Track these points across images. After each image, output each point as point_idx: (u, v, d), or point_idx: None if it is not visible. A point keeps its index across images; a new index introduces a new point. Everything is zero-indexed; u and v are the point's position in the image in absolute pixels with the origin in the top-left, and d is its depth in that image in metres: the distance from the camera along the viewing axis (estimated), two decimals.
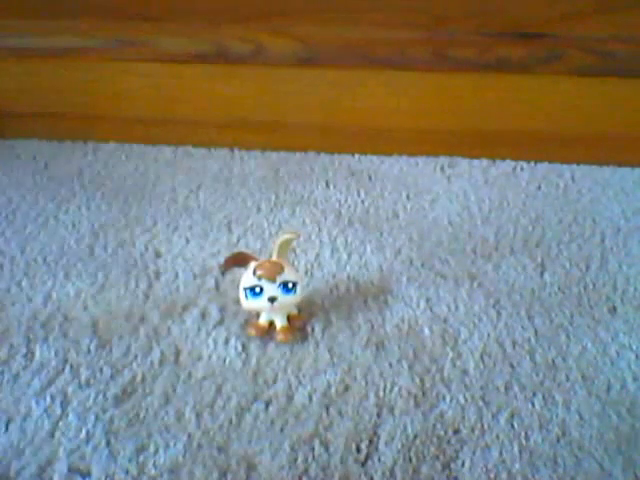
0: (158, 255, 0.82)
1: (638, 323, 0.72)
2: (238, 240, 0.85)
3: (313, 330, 0.71)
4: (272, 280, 0.67)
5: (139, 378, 0.66)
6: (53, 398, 0.64)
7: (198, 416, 0.62)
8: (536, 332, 0.71)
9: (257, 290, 0.67)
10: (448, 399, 0.64)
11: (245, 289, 0.67)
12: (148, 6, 0.97)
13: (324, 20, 0.96)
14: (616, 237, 0.85)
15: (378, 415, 0.62)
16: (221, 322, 0.72)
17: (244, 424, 0.61)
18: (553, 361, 0.68)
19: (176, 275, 0.79)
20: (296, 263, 0.80)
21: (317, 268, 0.80)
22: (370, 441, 0.60)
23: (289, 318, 0.70)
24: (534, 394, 0.64)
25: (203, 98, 1.03)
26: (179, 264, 0.81)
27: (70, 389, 0.64)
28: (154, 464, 0.58)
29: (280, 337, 0.69)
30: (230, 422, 0.62)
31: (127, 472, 0.57)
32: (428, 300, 0.75)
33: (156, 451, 0.59)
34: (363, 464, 0.58)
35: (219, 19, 0.98)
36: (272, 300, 0.67)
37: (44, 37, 1.01)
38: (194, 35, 0.99)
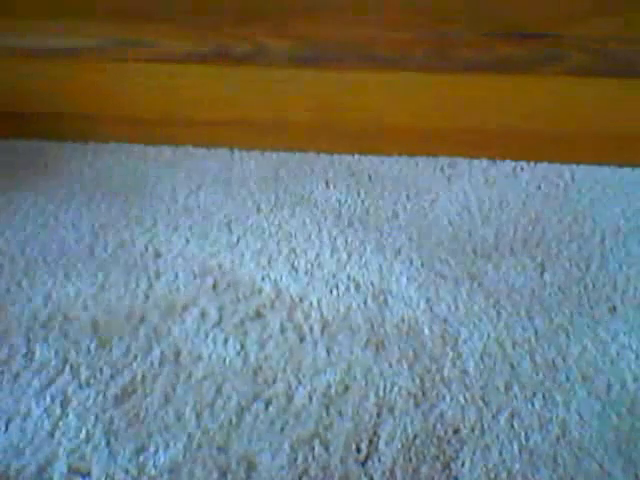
0: (158, 255, 0.82)
1: (638, 323, 0.72)
2: (238, 240, 0.85)
3: (312, 330, 0.71)
4: None
5: (139, 378, 0.66)
6: (53, 398, 0.64)
7: (198, 416, 0.62)
8: (536, 332, 0.71)
9: None
10: (448, 399, 0.64)
11: None
12: (148, 6, 0.97)
13: (324, 20, 0.96)
14: (616, 237, 0.85)
15: (378, 415, 0.62)
16: (220, 322, 0.72)
17: (244, 424, 0.61)
18: (553, 361, 0.68)
19: (176, 275, 0.79)
20: (296, 263, 0.80)
21: (317, 268, 0.80)
22: (370, 441, 0.60)
23: None
24: (534, 394, 0.64)
25: (203, 98, 1.03)
26: (179, 264, 0.81)
27: (70, 389, 0.64)
28: (154, 464, 0.58)
29: None
30: (230, 422, 0.62)
31: (127, 472, 0.57)
32: (428, 300, 0.75)
33: (156, 451, 0.59)
34: (363, 464, 0.58)
35: (219, 19, 0.98)
36: None
37: (44, 37, 1.01)
38: (194, 35, 0.99)
